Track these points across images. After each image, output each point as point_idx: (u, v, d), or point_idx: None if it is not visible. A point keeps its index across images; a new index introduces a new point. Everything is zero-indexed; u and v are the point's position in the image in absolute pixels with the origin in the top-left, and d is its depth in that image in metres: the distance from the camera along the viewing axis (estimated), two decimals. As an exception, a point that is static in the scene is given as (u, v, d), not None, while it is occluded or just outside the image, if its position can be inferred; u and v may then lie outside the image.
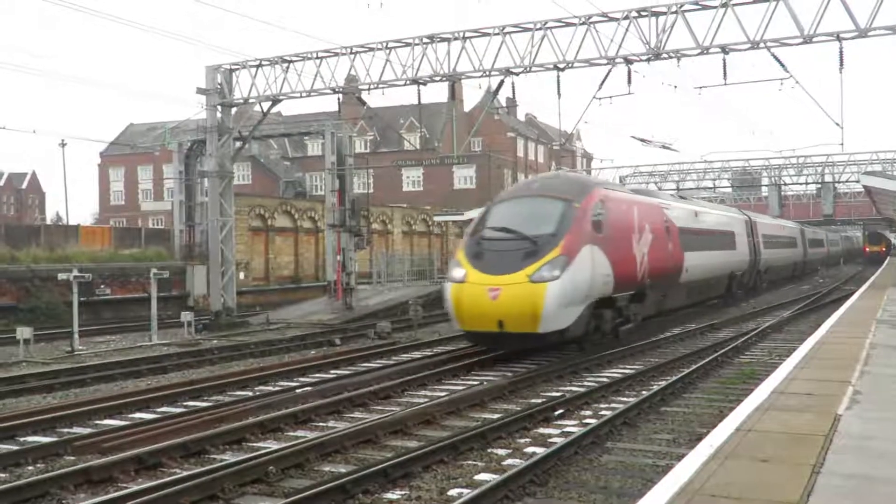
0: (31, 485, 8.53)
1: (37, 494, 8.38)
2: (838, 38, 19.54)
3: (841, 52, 19.97)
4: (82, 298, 24.57)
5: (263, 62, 26.46)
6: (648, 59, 21.41)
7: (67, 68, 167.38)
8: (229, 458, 9.74)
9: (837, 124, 22.28)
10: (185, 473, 8.90)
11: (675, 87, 26.60)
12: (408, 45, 23.90)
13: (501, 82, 23.56)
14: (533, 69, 22.48)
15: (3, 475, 9.38)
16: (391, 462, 8.94)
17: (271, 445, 10.27)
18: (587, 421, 11.58)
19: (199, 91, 27.54)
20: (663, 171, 55.12)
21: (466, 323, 16.82)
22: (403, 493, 8.41)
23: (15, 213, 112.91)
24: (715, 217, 30.43)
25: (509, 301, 15.79)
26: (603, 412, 12.15)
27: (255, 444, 10.56)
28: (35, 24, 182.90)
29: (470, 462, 9.57)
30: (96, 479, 8.85)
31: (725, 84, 21.67)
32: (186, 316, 24.38)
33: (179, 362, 18.68)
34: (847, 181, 53.37)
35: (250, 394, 14.63)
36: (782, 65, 20.82)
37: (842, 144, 27.83)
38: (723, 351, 17.71)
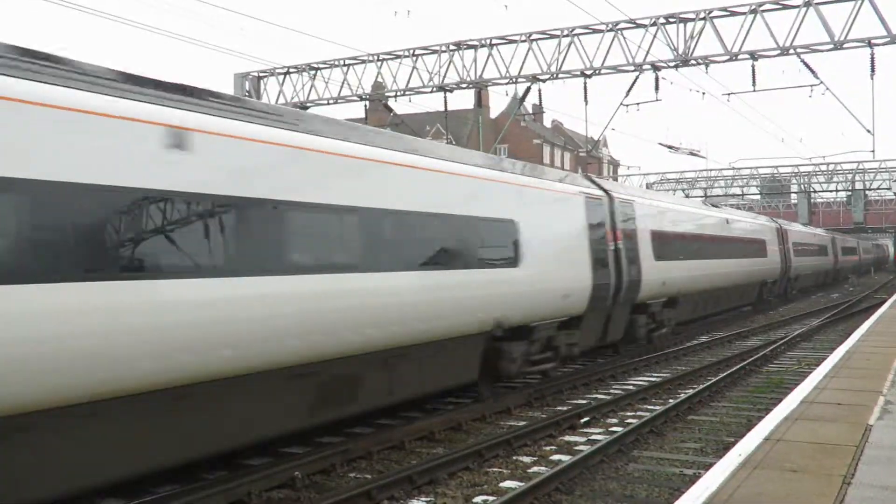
0: None
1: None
2: (869, 44, 19.37)
3: (872, 58, 19.80)
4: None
5: (291, 70, 26.68)
6: (676, 66, 21.34)
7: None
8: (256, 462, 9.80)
9: (868, 131, 22.16)
10: (212, 477, 8.96)
11: (704, 93, 26.45)
12: (434, 52, 24.01)
13: (528, 89, 23.62)
14: (560, 76, 22.49)
15: None
16: (417, 469, 8.94)
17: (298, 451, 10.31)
18: (613, 429, 11.52)
19: (228, 98, 27.80)
20: (691, 178, 54.81)
21: None
22: (428, 499, 8.41)
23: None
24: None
25: None
26: (629, 420, 12.08)
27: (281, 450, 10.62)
28: (59, 31, 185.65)
29: (495, 469, 9.55)
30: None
31: (754, 91, 21.62)
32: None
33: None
34: (878, 188, 52.74)
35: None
36: (812, 71, 20.68)
37: (873, 151, 27.50)
38: (751, 360, 17.53)
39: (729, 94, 23.91)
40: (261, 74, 27.66)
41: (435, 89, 24.25)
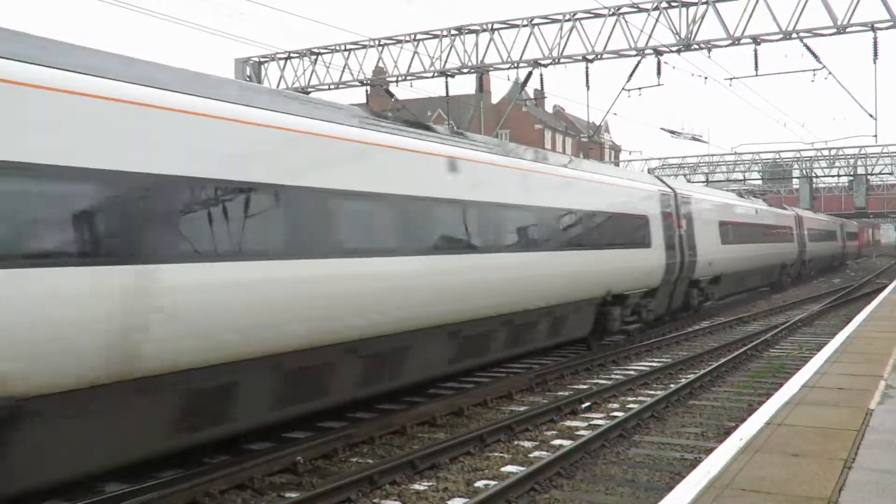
0: None
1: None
2: (873, 29, 19.24)
3: (875, 43, 19.68)
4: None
5: (292, 54, 26.55)
6: (679, 50, 21.21)
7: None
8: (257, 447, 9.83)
9: (871, 116, 22.06)
10: (215, 462, 8.99)
11: (706, 78, 26.40)
12: (436, 36, 23.88)
13: (529, 74, 23.47)
14: (561, 61, 22.35)
15: None
16: (419, 454, 8.97)
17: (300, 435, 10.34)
18: (614, 414, 11.54)
19: (229, 83, 27.71)
20: (693, 164, 54.64)
21: None
22: (430, 484, 8.44)
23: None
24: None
25: None
26: (630, 405, 12.11)
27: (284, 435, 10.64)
28: (58, 17, 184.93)
29: (497, 454, 9.58)
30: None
31: (757, 75, 21.47)
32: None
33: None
34: (880, 173, 52.62)
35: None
36: (815, 55, 20.57)
37: (875, 136, 27.33)
38: (752, 344, 17.55)
39: (731, 79, 23.79)
40: (261, 59, 27.54)
41: (436, 74, 24.12)
